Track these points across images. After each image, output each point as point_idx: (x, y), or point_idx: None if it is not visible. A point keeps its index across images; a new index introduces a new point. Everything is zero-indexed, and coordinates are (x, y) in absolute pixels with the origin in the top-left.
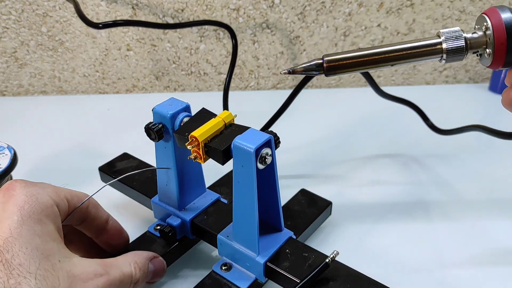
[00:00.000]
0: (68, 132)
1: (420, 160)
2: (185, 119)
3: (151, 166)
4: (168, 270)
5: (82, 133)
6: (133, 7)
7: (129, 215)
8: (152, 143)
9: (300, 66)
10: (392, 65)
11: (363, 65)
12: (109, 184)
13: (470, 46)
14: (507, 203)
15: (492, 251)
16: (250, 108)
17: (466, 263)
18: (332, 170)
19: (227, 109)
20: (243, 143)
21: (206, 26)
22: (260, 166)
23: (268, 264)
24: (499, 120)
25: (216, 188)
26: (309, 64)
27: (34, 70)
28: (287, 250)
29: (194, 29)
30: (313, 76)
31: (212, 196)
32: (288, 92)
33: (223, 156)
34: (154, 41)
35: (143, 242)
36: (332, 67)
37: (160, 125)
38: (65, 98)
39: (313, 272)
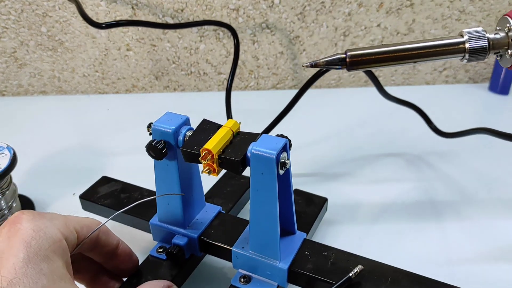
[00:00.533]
0: (68, 132)
1: (420, 159)
2: (188, 133)
3: (136, 186)
4: None
5: (82, 133)
6: (132, 7)
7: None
8: None
9: (323, 60)
10: (414, 62)
11: (385, 61)
12: (96, 213)
13: (492, 46)
14: (508, 202)
15: (494, 249)
16: (250, 108)
17: (468, 262)
18: (332, 169)
19: (230, 111)
20: (262, 150)
21: (206, 26)
22: (281, 172)
23: (292, 269)
24: (499, 120)
25: (209, 200)
26: (332, 58)
27: (33, 70)
28: (306, 252)
29: (194, 29)
30: (329, 70)
31: (213, 209)
32: (288, 92)
33: (240, 166)
34: (154, 41)
35: (149, 268)
36: (355, 62)
37: (163, 142)
38: (64, 98)
39: (336, 285)
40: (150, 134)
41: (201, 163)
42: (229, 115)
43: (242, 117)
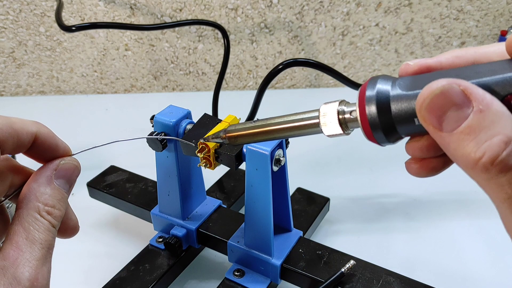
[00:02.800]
0: (66, 132)
1: None
2: (188, 126)
3: (141, 176)
4: (175, 283)
5: (81, 133)
6: (131, 7)
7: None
8: None
9: (212, 135)
10: (285, 137)
11: (257, 136)
12: (101, 200)
13: (345, 122)
14: None
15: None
16: (249, 108)
17: (467, 261)
18: (330, 170)
19: (217, 111)
20: (257, 146)
21: (205, 26)
22: (275, 168)
23: (284, 265)
24: None
25: (212, 194)
26: (217, 134)
27: (32, 70)
28: (300, 250)
29: (193, 28)
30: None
31: (213, 203)
32: (287, 92)
33: (235, 161)
34: (152, 41)
35: (147, 256)
36: (233, 138)
37: (163, 134)
38: (63, 98)
39: (330, 280)
40: (153, 126)
41: (198, 156)
42: (215, 114)
43: (241, 117)
